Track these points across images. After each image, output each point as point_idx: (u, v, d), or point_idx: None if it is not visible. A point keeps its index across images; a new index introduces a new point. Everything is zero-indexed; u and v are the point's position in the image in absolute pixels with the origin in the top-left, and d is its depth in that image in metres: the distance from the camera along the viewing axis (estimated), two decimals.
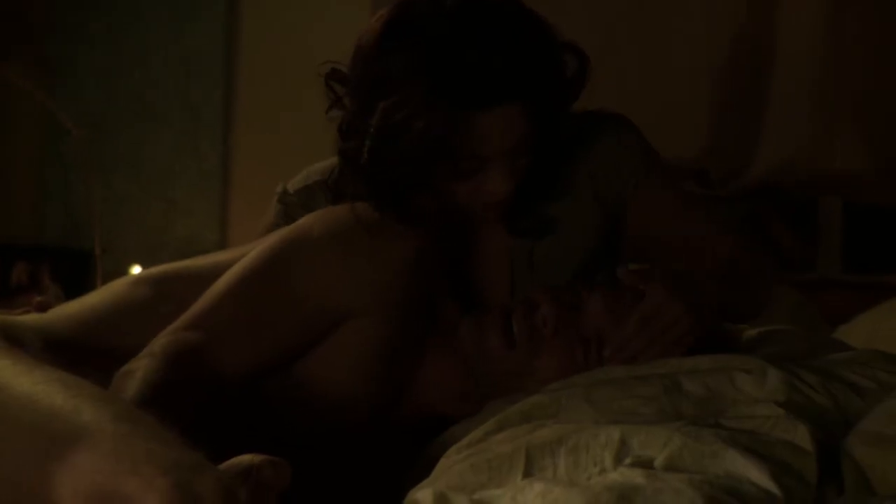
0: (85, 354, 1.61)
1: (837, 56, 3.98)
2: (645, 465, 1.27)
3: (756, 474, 1.24)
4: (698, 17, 4.09)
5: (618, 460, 1.30)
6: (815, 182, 4.08)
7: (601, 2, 4.08)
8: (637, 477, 1.22)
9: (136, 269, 4.11)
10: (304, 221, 1.78)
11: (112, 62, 4.63)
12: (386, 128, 1.76)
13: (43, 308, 1.83)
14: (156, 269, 1.86)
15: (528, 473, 1.32)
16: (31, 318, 1.73)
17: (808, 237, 4.23)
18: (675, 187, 2.14)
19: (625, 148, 2.04)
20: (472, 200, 1.87)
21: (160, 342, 1.60)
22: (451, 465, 1.41)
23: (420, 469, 1.53)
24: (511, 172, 1.84)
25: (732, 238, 2.10)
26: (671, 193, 2.11)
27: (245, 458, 1.16)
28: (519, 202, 1.94)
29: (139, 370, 1.53)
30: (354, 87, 1.85)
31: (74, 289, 4.03)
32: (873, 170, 4.00)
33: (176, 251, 4.09)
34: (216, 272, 1.76)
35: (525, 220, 1.99)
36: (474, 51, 1.73)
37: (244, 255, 1.77)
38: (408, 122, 1.73)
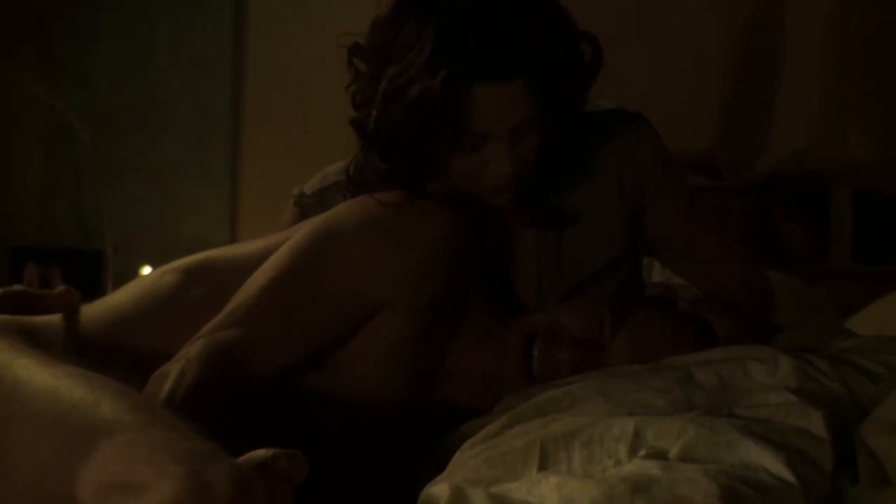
0: (113, 353, 1.62)
1: (846, 46, 3.97)
2: (660, 456, 1.27)
3: (771, 462, 1.24)
4: (706, 8, 4.08)
5: (632, 452, 1.30)
6: (826, 172, 4.07)
7: None
8: (652, 468, 1.22)
9: (146, 269, 4.12)
10: (333, 214, 1.77)
11: (120, 63, 4.63)
12: (390, 93, 1.77)
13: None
14: (182, 260, 1.84)
15: (542, 467, 1.32)
16: (55, 318, 1.73)
17: (818, 227, 4.22)
18: (690, 193, 2.14)
19: (648, 145, 2.04)
20: (476, 182, 1.86)
21: (195, 345, 1.59)
22: (466, 460, 1.41)
23: (434, 463, 1.53)
24: (512, 155, 1.82)
25: (742, 253, 2.13)
26: (686, 199, 2.11)
27: (260, 452, 1.17)
28: (530, 191, 1.95)
29: (173, 373, 1.53)
30: (368, 57, 1.85)
31: (86, 290, 4.03)
32: (883, 159, 3.98)
33: (186, 251, 4.05)
34: (244, 261, 1.76)
35: (538, 209, 1.99)
36: (480, 23, 1.73)
37: (272, 245, 1.77)
38: (407, 88, 1.74)
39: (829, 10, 3.98)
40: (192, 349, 1.58)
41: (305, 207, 2.09)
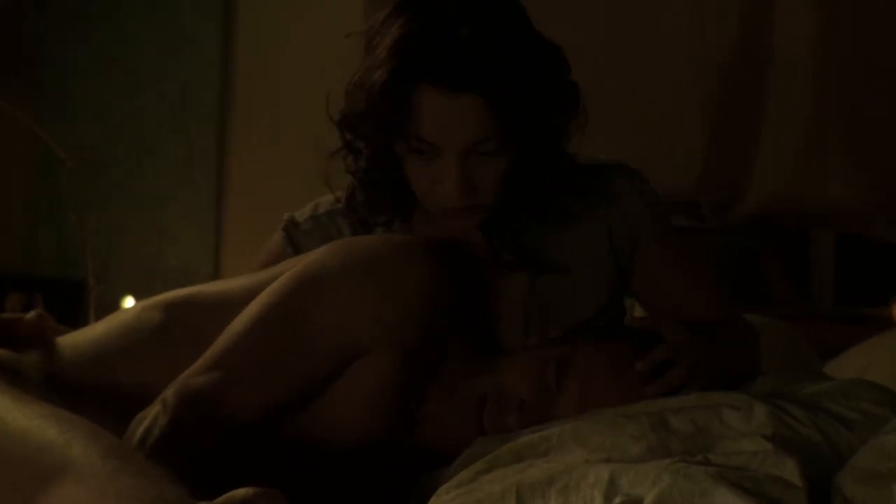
0: (92, 390, 1.62)
1: (828, 89, 3.98)
2: (635, 503, 1.27)
3: None
4: (690, 51, 4.10)
5: (607, 499, 1.30)
6: (807, 215, 4.08)
7: (590, 32, 4.07)
8: None
9: (129, 300, 4.12)
10: (318, 256, 1.75)
11: (105, 92, 4.63)
12: (357, 83, 1.81)
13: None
14: (164, 296, 1.82)
15: None
16: (32, 353, 1.72)
17: (800, 270, 4.23)
18: (679, 244, 2.13)
19: (643, 201, 2.03)
20: (430, 198, 1.86)
21: (172, 389, 1.57)
22: None
23: None
24: (461, 175, 1.80)
25: (727, 305, 2.12)
26: (676, 252, 2.10)
27: (240, 492, 1.18)
28: (499, 227, 1.94)
29: (148, 417, 1.53)
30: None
31: (68, 320, 4.03)
32: (865, 202, 3.99)
33: (169, 281, 4.08)
34: (227, 299, 1.76)
35: (510, 248, 1.97)
36: (444, 29, 1.74)
37: (255, 283, 1.77)
38: (366, 85, 1.77)
39: (811, 56, 3.99)
40: (169, 392, 1.57)
41: (295, 235, 2.08)
